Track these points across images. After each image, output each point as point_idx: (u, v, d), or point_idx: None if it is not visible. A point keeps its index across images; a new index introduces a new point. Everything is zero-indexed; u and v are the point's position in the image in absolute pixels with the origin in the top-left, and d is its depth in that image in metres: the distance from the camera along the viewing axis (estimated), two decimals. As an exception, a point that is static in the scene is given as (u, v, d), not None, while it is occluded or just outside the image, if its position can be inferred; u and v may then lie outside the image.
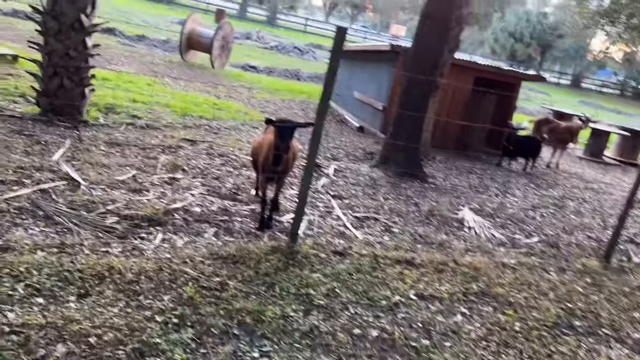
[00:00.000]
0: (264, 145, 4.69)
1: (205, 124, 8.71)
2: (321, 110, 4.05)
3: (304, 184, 4.22)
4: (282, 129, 4.14)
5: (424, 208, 6.40)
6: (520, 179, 9.47)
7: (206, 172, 6.12)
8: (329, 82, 3.99)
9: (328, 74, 3.98)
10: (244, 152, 7.39)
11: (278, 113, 11.63)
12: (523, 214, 6.96)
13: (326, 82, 4.00)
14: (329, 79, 3.99)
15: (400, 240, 5.16)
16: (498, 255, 5.18)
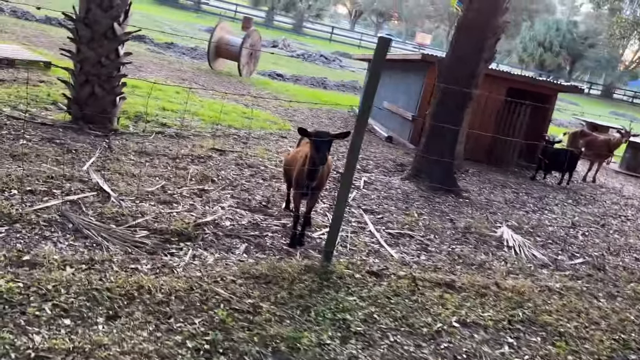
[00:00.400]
0: (298, 159, 4.52)
1: (234, 133, 8.61)
2: (360, 123, 3.87)
3: (340, 201, 4.02)
4: (319, 141, 3.96)
5: (460, 224, 6.14)
6: (557, 194, 9.11)
7: (236, 184, 5.98)
8: (369, 94, 3.81)
9: (369, 85, 3.80)
10: (273, 162, 7.24)
11: (305, 122, 11.49)
12: (564, 233, 6.62)
13: (366, 94, 3.81)
14: (370, 90, 3.80)
15: (438, 259, 4.92)
16: (542, 279, 4.88)
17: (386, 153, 9.76)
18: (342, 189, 3.98)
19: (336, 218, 4.08)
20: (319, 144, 3.97)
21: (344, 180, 3.97)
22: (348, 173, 3.96)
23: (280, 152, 7.95)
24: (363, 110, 3.84)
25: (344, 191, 3.98)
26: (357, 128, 3.86)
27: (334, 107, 15.12)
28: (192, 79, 14.11)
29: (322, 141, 3.97)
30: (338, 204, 4.04)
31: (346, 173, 3.96)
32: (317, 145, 3.97)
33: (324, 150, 3.99)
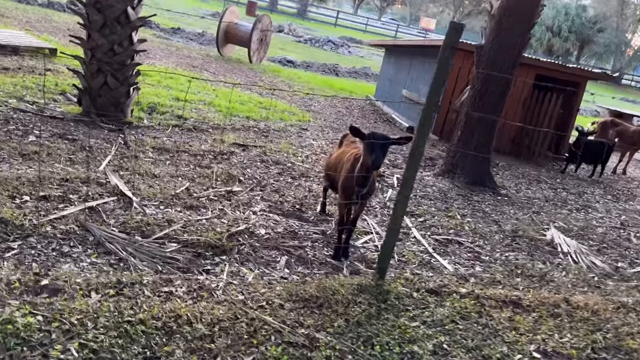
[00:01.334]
0: (344, 162, 4.01)
1: (254, 125, 8.09)
2: (424, 126, 3.35)
3: (397, 212, 3.53)
4: (376, 145, 3.45)
5: (506, 227, 5.65)
6: (593, 190, 8.60)
7: (264, 184, 5.49)
8: (435, 90, 3.29)
9: (436, 79, 3.27)
10: (299, 158, 6.74)
11: (323, 112, 10.95)
12: (615, 235, 6.14)
13: (432, 90, 3.29)
14: (436, 85, 3.28)
15: (495, 270, 4.44)
16: (610, 292, 4.41)
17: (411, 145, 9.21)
18: (400, 198, 3.49)
19: (392, 231, 3.59)
20: (376, 147, 3.45)
21: (404, 189, 3.47)
22: (408, 181, 3.46)
23: (304, 147, 7.44)
24: (427, 109, 3.32)
25: (403, 200, 3.49)
26: (421, 131, 3.35)
27: (350, 95, 14.56)
28: (203, 66, 13.53)
29: (379, 145, 3.46)
30: (394, 215, 3.54)
31: (406, 181, 3.46)
32: (373, 149, 3.46)
33: (380, 155, 3.47)
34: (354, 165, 3.80)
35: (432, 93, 3.29)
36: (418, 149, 3.39)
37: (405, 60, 13.08)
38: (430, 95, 3.30)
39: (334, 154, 4.43)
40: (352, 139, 4.39)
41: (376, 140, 3.44)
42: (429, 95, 3.31)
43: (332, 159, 4.36)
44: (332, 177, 4.33)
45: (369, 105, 13.49)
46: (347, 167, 3.90)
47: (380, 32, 43.81)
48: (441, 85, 3.31)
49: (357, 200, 3.84)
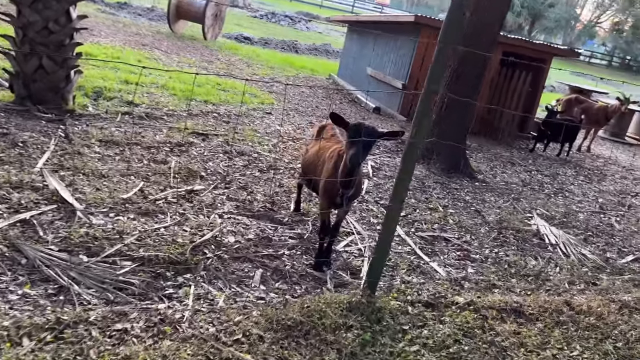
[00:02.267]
0: (325, 159, 3.50)
1: (213, 110, 7.42)
2: (421, 116, 2.88)
3: (389, 220, 3.07)
4: (362, 139, 2.95)
5: (490, 218, 5.32)
6: (565, 170, 8.45)
7: (229, 179, 4.91)
8: (435, 76, 2.80)
9: (436, 63, 2.78)
10: (265, 147, 6.17)
11: (287, 94, 10.33)
12: (597, 220, 5.93)
13: (432, 76, 2.81)
14: (437, 70, 2.80)
15: (488, 272, 4.08)
16: (607, 287, 4.14)
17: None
18: (394, 201, 3.02)
19: (383, 243, 3.13)
20: (359, 142, 2.96)
21: (397, 194, 3.00)
22: (401, 183, 2.99)
23: (270, 134, 6.86)
24: (424, 100, 2.84)
25: (396, 208, 3.02)
26: (417, 123, 2.87)
27: (312, 73, 13.97)
28: (154, 44, 12.57)
29: (365, 139, 2.97)
30: (386, 226, 3.08)
31: (400, 183, 2.99)
32: (356, 143, 2.96)
33: (361, 151, 2.98)
34: (337, 164, 3.30)
35: (431, 81, 2.80)
36: (416, 144, 2.91)
37: (369, 37, 12.55)
38: (429, 84, 2.81)
39: (312, 149, 3.90)
40: (332, 131, 3.89)
41: (361, 131, 2.93)
42: (427, 84, 2.82)
43: (310, 156, 3.83)
44: (309, 174, 3.82)
45: (332, 86, 12.94)
46: (329, 166, 3.39)
47: (337, 7, 42.90)
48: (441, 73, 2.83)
49: (342, 204, 3.35)
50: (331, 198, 3.35)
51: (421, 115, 2.87)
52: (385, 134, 3.08)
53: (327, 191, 3.38)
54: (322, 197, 3.46)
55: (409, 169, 2.97)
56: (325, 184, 3.38)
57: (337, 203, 3.34)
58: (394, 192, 3.03)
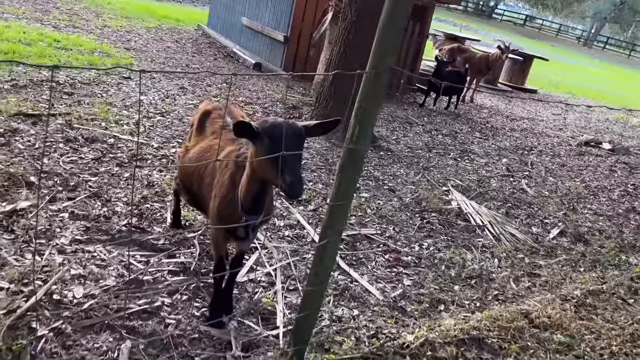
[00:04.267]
0: (218, 172, 2.34)
1: (49, 77, 5.68)
2: (365, 108, 1.86)
3: (324, 258, 2.07)
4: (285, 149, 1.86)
5: (407, 199, 4.59)
6: (460, 126, 8.09)
7: (74, 184, 3.53)
8: (389, 45, 1.79)
9: (389, 25, 1.76)
10: (125, 127, 4.75)
11: (148, 49, 8.63)
12: (509, 186, 5.53)
13: (384, 44, 1.79)
14: (391, 37, 1.79)
15: (426, 281, 3.32)
16: (549, 279, 3.63)
17: (266, 89, 7.63)
18: (329, 236, 2.01)
19: (313, 294, 2.13)
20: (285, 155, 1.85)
21: (331, 223, 1.99)
22: (339, 209, 1.98)
23: (131, 107, 5.39)
24: (373, 83, 1.82)
25: (333, 241, 2.02)
26: (360, 117, 1.86)
27: (178, 24, 12.12)
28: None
29: (291, 147, 1.88)
30: (317, 269, 2.08)
31: (336, 210, 1.98)
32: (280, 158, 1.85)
33: (298, 169, 1.89)
34: (235, 178, 2.18)
35: (378, 55, 1.78)
36: (356, 156, 1.90)
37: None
38: (378, 58, 1.79)
39: (193, 148, 2.70)
40: (219, 117, 2.72)
41: (282, 135, 1.84)
42: (373, 60, 1.80)
43: (191, 159, 2.63)
44: (191, 190, 2.65)
45: (203, 38, 11.31)
46: (223, 181, 2.25)
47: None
48: (394, 43, 1.82)
49: (246, 236, 2.26)
50: (226, 222, 2.25)
51: (366, 105, 1.85)
52: (316, 127, 2.02)
53: (221, 218, 2.26)
54: (216, 223, 2.34)
55: (349, 190, 1.97)
56: (219, 207, 2.25)
57: (237, 235, 2.25)
58: (328, 221, 2.01)
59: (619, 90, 20.43)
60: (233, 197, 2.14)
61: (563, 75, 20.65)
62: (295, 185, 1.81)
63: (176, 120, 5.29)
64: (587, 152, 7.83)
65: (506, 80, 15.28)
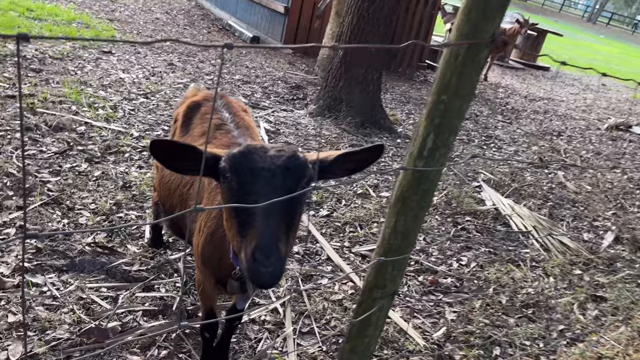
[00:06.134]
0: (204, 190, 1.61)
1: (14, 52, 4.88)
2: (460, 83, 1.13)
3: (371, 322, 1.37)
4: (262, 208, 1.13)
5: (435, 198, 3.89)
6: (479, 108, 7.35)
7: (29, 185, 2.80)
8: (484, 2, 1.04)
9: None
10: (100, 112, 3.99)
11: (134, 21, 7.77)
12: (547, 182, 4.81)
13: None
14: None
15: (472, 312, 2.63)
16: (619, 307, 2.95)
17: (266, 67, 6.84)
18: (379, 294, 1.30)
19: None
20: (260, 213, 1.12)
21: (385, 273, 1.28)
22: (399, 257, 1.27)
23: (110, 86, 4.61)
24: (466, 56, 1.08)
25: (384, 302, 1.32)
26: (449, 106, 1.12)
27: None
28: None
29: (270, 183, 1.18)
30: (358, 336, 1.38)
31: (394, 256, 1.26)
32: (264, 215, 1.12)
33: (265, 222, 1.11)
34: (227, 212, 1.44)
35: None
36: (428, 177, 1.18)
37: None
38: (473, 25, 1.05)
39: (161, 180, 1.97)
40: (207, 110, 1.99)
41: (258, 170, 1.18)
42: (466, 26, 1.05)
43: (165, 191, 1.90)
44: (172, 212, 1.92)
45: (196, 9, 10.42)
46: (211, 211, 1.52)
47: None
48: None
49: (242, 288, 1.51)
50: (218, 275, 1.54)
51: (449, 100, 1.12)
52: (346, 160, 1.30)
53: (207, 262, 1.54)
54: (201, 269, 1.61)
55: (411, 235, 1.25)
56: (204, 246, 1.53)
57: (230, 289, 1.52)
58: (376, 278, 1.30)
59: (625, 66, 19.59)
60: (224, 236, 1.41)
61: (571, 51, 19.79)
62: (258, 261, 1.07)
63: (162, 103, 4.53)
64: (618, 137, 7.12)
65: (518, 57, 14.49)
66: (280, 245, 1.08)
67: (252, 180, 1.15)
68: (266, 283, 1.09)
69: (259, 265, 1.06)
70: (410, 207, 1.22)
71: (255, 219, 1.09)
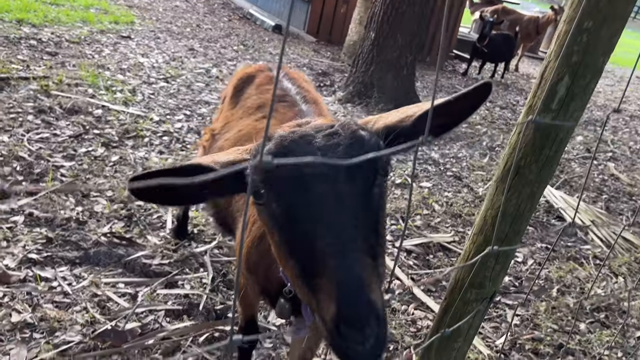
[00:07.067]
0: None
1: (30, 34, 4.66)
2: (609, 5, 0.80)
3: (461, 334, 1.05)
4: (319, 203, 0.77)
5: (479, 189, 3.55)
6: (514, 97, 6.96)
7: (39, 171, 2.54)
8: None
9: None
10: (118, 95, 3.73)
11: (154, 8, 7.52)
12: (598, 173, 4.43)
13: None
14: None
15: (537, 316, 2.31)
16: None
17: (290, 54, 6.54)
18: (474, 295, 0.99)
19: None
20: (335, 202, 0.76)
21: (484, 268, 0.97)
22: (507, 247, 0.95)
23: (128, 70, 4.36)
24: None
25: (480, 305, 1.00)
26: (593, 34, 0.80)
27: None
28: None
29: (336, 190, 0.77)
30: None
31: (500, 247, 0.95)
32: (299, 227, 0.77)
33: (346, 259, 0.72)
34: None
35: None
36: (558, 133, 0.86)
37: None
38: None
39: (223, 132, 1.67)
40: (268, 82, 1.71)
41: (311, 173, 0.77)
42: None
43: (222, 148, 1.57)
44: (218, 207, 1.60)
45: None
46: None
47: None
48: None
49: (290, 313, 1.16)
50: (265, 286, 1.24)
51: (593, 24, 0.79)
52: (444, 109, 0.92)
53: (253, 271, 1.23)
54: (244, 273, 1.29)
55: (524, 217, 0.93)
56: (251, 251, 1.21)
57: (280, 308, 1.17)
58: (477, 273, 0.99)
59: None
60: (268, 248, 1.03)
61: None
62: (347, 337, 0.70)
63: (183, 88, 4.26)
64: (664, 129, 6.67)
65: (547, 48, 13.96)
66: (373, 296, 0.70)
67: (307, 200, 0.75)
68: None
69: (349, 342, 0.69)
70: (526, 180, 0.91)
71: (326, 262, 0.71)
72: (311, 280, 0.73)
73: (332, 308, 0.69)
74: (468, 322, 1.02)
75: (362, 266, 0.71)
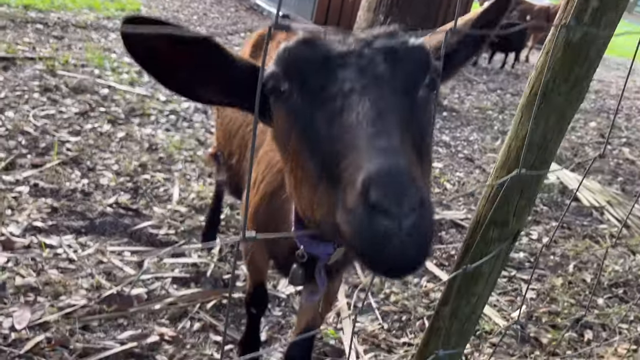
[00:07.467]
0: (265, 136, 1.21)
1: (37, 19, 4.64)
2: None
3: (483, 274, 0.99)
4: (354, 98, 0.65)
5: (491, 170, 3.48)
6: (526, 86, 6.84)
7: (45, 145, 2.51)
8: None
9: None
10: (124, 76, 3.69)
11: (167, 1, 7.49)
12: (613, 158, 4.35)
13: None
14: None
15: (554, 290, 2.24)
16: None
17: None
18: (497, 234, 0.93)
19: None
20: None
21: (510, 195, 0.91)
22: (538, 170, 0.90)
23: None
24: None
25: (504, 244, 0.95)
26: None
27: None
28: None
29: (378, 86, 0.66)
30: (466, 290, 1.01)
31: (529, 170, 0.90)
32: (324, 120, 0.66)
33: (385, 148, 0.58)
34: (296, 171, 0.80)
35: None
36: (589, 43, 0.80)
37: None
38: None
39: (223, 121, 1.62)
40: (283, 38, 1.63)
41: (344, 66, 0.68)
42: None
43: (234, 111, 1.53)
44: (230, 164, 1.55)
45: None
46: (272, 156, 1.13)
47: None
48: None
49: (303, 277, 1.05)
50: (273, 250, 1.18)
51: None
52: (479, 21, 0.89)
53: (260, 226, 1.16)
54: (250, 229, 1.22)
55: (554, 139, 0.88)
56: (258, 206, 1.15)
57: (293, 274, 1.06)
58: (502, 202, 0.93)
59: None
60: (286, 201, 1.01)
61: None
62: (380, 209, 0.53)
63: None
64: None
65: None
66: (415, 172, 0.56)
67: (333, 76, 0.66)
68: (404, 261, 0.55)
69: (383, 218, 0.53)
70: (554, 103, 0.85)
71: (356, 134, 0.59)
72: (335, 169, 0.60)
73: (361, 173, 0.54)
74: (490, 264, 0.96)
75: (401, 143, 0.59)
